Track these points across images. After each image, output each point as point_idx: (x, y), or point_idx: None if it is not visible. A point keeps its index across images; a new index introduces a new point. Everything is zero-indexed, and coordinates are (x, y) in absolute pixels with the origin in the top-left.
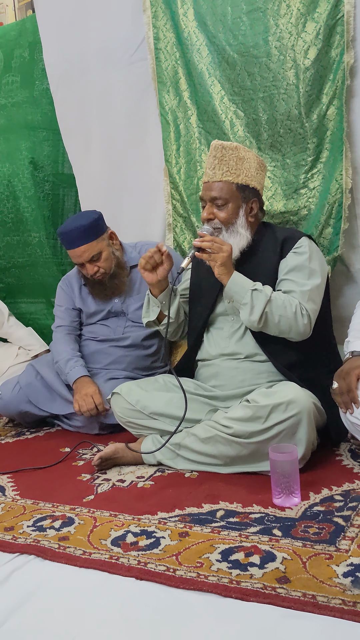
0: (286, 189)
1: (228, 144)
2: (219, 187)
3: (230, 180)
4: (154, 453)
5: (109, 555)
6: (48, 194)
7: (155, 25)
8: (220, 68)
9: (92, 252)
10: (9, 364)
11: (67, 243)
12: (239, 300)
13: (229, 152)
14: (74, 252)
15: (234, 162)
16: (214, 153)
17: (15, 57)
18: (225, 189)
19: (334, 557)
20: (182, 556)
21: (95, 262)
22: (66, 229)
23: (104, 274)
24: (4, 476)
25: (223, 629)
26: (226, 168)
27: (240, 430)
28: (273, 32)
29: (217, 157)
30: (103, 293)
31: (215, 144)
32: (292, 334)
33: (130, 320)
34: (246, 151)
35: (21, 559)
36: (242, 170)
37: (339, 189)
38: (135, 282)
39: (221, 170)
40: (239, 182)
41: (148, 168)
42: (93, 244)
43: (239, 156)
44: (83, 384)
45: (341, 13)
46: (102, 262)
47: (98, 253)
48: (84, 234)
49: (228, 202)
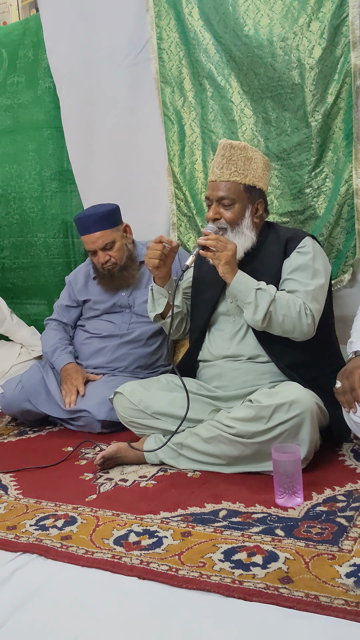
0: (292, 188)
1: (237, 143)
2: (226, 187)
3: (238, 181)
4: (156, 453)
5: (111, 555)
6: (55, 192)
7: (159, 25)
8: (228, 67)
9: (107, 239)
10: (11, 363)
11: (84, 228)
12: (242, 300)
13: (237, 152)
14: (89, 237)
15: (242, 162)
16: (222, 152)
17: (20, 57)
18: (233, 189)
19: (337, 558)
20: (185, 556)
21: (107, 250)
22: (84, 215)
23: (115, 264)
24: (6, 475)
25: (225, 629)
26: (234, 168)
27: (243, 430)
28: (278, 32)
29: (226, 156)
30: (111, 284)
31: (224, 143)
32: (295, 334)
33: (135, 314)
34: (254, 151)
35: (23, 558)
36: (250, 170)
37: (348, 190)
38: (143, 276)
39: (229, 170)
40: (246, 183)
41: (152, 168)
42: (108, 232)
43: (247, 156)
44: (69, 373)
45: (345, 13)
46: (114, 251)
47: (112, 242)
48: (101, 221)
49: (235, 202)
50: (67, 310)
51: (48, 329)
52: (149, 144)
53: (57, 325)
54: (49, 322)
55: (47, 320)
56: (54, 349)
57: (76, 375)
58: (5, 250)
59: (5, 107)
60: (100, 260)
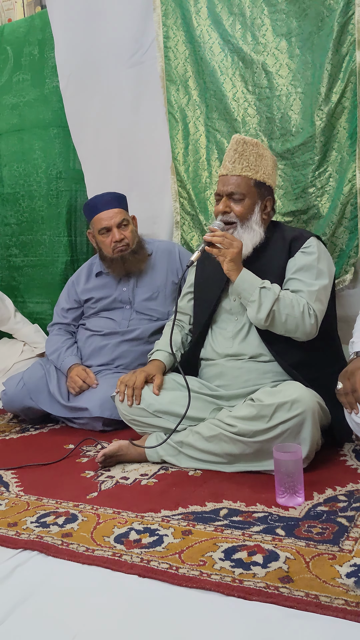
0: (296, 188)
1: (249, 139)
2: (237, 181)
3: (249, 176)
4: (157, 450)
5: (112, 553)
6: (62, 191)
7: (165, 24)
8: (233, 66)
9: (123, 216)
10: (13, 360)
11: (101, 205)
12: (246, 297)
13: (249, 148)
14: (106, 213)
15: (254, 158)
16: (234, 147)
17: (25, 55)
18: (244, 183)
19: (337, 558)
20: (185, 554)
21: (122, 229)
22: (98, 196)
23: (127, 245)
24: (8, 472)
25: (225, 628)
26: (246, 163)
27: (245, 429)
28: (296, 33)
29: (238, 151)
30: (123, 268)
31: (237, 138)
32: (298, 334)
33: (135, 311)
34: (264, 149)
35: (24, 555)
36: (261, 167)
37: (352, 190)
38: (147, 271)
39: (241, 164)
40: (257, 179)
41: (156, 166)
42: (124, 211)
43: (259, 153)
44: (72, 370)
45: (352, 11)
46: (128, 232)
47: (127, 221)
48: (117, 200)
49: (245, 197)
50: (67, 312)
51: (51, 335)
52: (154, 142)
53: (59, 330)
54: (51, 327)
55: (49, 326)
56: (57, 354)
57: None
58: (14, 248)
59: (11, 106)
60: (115, 238)
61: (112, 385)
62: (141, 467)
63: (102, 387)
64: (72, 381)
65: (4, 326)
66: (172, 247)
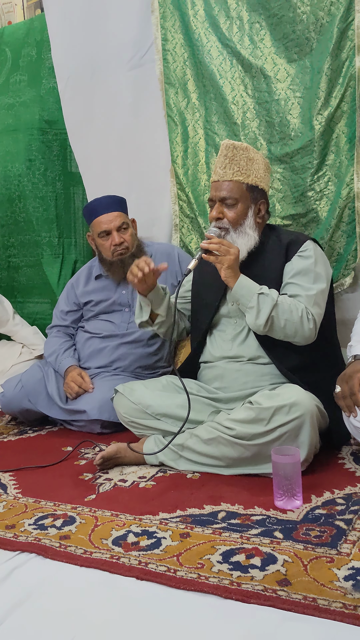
0: (295, 192)
1: (239, 144)
2: (229, 186)
3: (241, 180)
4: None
5: (109, 555)
6: (59, 193)
7: (164, 27)
8: (232, 69)
9: (123, 219)
10: (12, 362)
11: (101, 208)
12: (245, 304)
13: (239, 152)
14: (106, 216)
15: (244, 163)
16: (224, 152)
17: (23, 56)
18: (236, 188)
19: (335, 561)
20: (183, 557)
21: (122, 232)
22: (98, 199)
23: (127, 248)
24: (5, 474)
25: (223, 631)
26: (237, 168)
27: (243, 432)
28: (292, 37)
29: (228, 156)
30: (122, 271)
31: (226, 144)
32: (297, 338)
33: (134, 313)
34: (255, 152)
35: (22, 557)
36: (252, 170)
37: (350, 193)
38: None
39: (232, 169)
40: (249, 183)
41: (155, 169)
42: (124, 215)
43: (249, 157)
44: (69, 373)
45: (352, 17)
46: (127, 235)
47: (127, 224)
48: (118, 203)
49: (238, 202)
50: (66, 314)
51: (50, 337)
52: (153, 145)
53: (57, 332)
54: (50, 330)
55: (48, 328)
56: (55, 357)
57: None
58: (12, 249)
59: (7, 106)
60: (115, 241)
61: (110, 388)
62: (139, 470)
63: (100, 390)
64: (69, 387)
65: (2, 328)
66: (172, 250)
